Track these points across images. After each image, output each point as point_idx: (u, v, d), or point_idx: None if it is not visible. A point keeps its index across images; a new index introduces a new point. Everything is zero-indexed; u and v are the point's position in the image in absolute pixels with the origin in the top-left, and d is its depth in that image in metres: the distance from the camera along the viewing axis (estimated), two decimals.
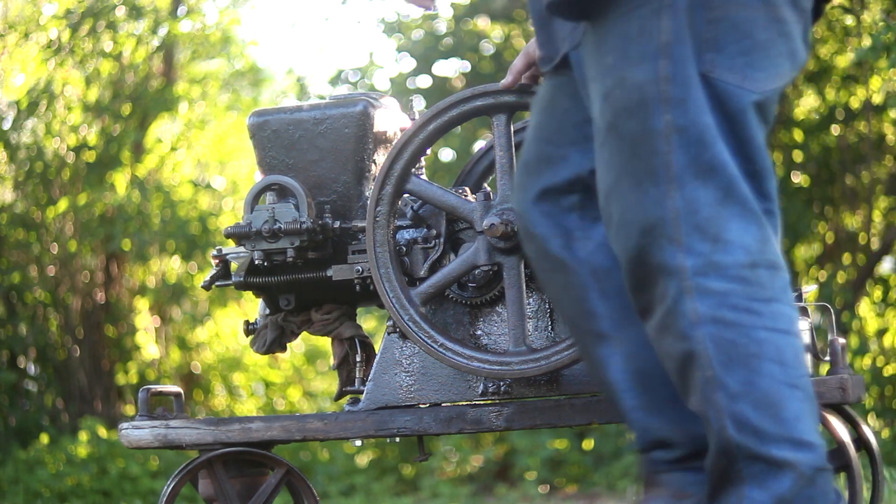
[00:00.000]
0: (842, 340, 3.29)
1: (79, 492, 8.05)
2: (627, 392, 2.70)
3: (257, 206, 3.42)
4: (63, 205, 9.11)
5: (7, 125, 9.12)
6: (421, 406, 3.43)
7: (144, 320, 9.65)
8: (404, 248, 3.37)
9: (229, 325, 9.82)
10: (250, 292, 3.59)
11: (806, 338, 3.28)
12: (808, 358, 3.28)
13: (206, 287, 3.61)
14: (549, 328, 3.35)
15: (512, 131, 3.23)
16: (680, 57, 2.50)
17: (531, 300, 3.35)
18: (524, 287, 3.25)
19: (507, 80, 3.14)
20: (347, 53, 19.58)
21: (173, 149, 9.62)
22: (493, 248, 3.23)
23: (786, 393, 2.48)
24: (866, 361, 8.06)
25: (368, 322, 9.27)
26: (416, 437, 3.48)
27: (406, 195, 3.39)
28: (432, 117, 3.25)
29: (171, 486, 3.50)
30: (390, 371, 3.43)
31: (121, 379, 9.42)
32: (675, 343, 2.51)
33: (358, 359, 3.54)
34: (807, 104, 9.06)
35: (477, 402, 3.39)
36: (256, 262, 3.42)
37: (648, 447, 2.70)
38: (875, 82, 8.54)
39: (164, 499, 3.48)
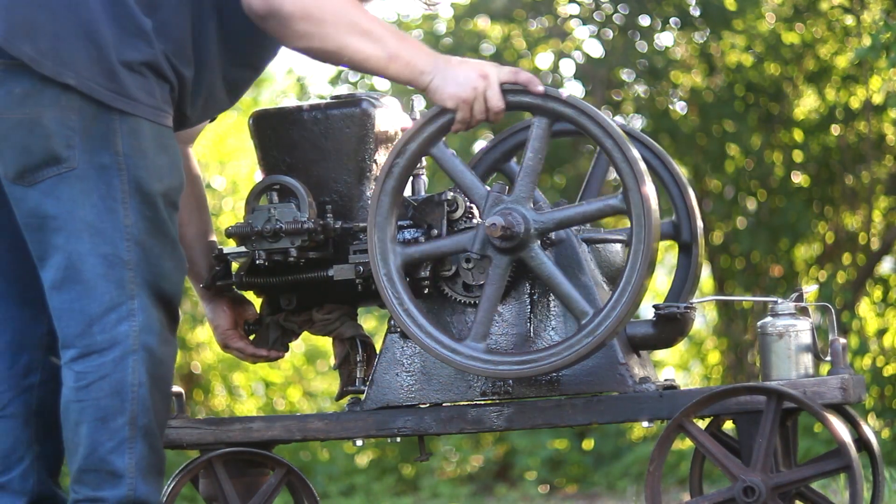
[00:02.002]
0: (842, 340, 3.29)
1: None
2: None
3: (258, 205, 3.42)
4: None
5: None
6: (421, 406, 3.43)
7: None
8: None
9: None
10: (251, 292, 3.59)
11: (807, 338, 3.28)
12: (810, 357, 3.28)
13: (207, 287, 3.60)
14: (551, 329, 3.35)
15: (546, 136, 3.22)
16: None
17: (532, 300, 3.35)
18: (503, 288, 3.25)
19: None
20: None
21: None
22: (489, 243, 3.23)
23: None
24: (866, 361, 8.06)
25: (369, 322, 9.27)
26: (417, 437, 3.48)
27: (407, 195, 3.40)
28: (433, 117, 3.25)
29: (171, 486, 3.50)
30: (391, 371, 3.43)
31: None
32: None
33: (359, 359, 3.54)
34: (807, 104, 9.06)
35: (477, 402, 3.39)
36: (258, 261, 3.41)
37: None
38: (875, 82, 8.54)
39: (164, 499, 3.48)
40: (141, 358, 3.08)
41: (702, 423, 3.35)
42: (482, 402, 3.39)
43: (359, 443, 3.47)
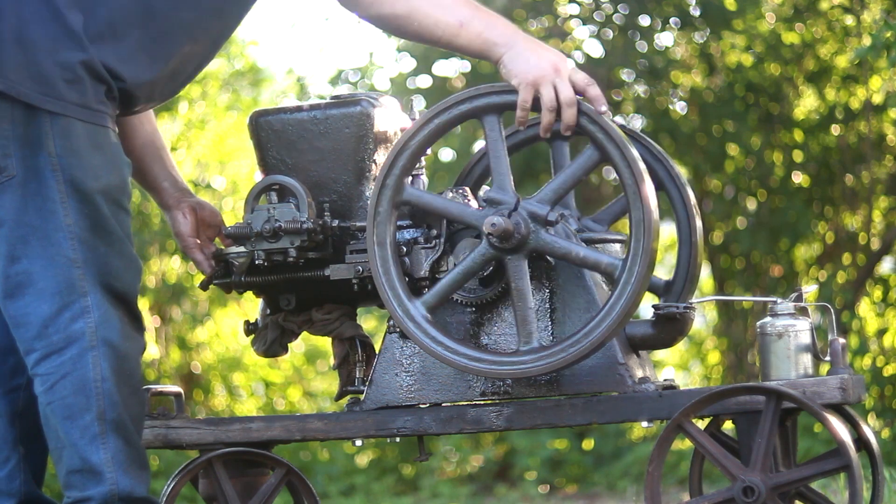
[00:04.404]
0: (842, 340, 3.29)
1: None
2: None
3: (257, 205, 3.42)
4: None
5: None
6: (421, 406, 3.43)
7: (144, 320, 9.62)
8: (404, 249, 3.37)
9: (229, 325, 9.82)
10: (250, 292, 3.58)
11: (806, 338, 3.28)
12: (809, 357, 3.28)
13: (203, 288, 3.61)
14: (550, 328, 3.35)
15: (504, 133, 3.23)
16: None
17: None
18: (529, 283, 3.25)
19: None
20: (347, 53, 19.58)
21: (173, 149, 9.61)
22: (495, 248, 3.23)
23: None
24: (866, 361, 8.06)
25: (368, 322, 9.27)
26: (417, 437, 3.48)
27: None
28: (432, 117, 3.25)
29: (171, 486, 3.50)
30: (391, 371, 3.43)
31: None
32: None
33: (358, 359, 3.54)
34: (807, 104, 9.06)
35: (477, 402, 3.39)
36: (257, 261, 3.41)
37: None
38: (875, 82, 8.54)
39: (164, 499, 3.48)
40: (102, 354, 3.09)
41: (701, 424, 3.35)
42: (482, 402, 3.39)
43: (358, 443, 3.47)
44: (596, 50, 9.01)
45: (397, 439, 3.49)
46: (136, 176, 3.53)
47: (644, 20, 8.82)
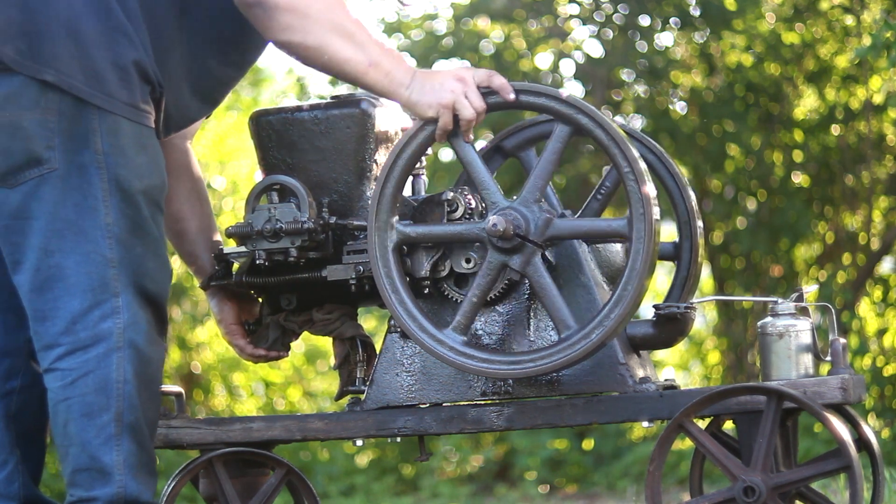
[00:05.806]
0: (842, 340, 3.29)
1: None
2: None
3: (258, 205, 3.42)
4: None
5: None
6: (421, 406, 3.43)
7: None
8: (405, 249, 3.37)
9: None
10: (251, 292, 3.59)
11: (807, 338, 3.28)
12: (810, 357, 3.28)
13: (203, 287, 3.61)
14: (550, 328, 3.35)
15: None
16: None
17: (531, 300, 3.35)
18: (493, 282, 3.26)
19: None
20: None
21: None
22: (496, 248, 3.23)
23: None
24: (866, 361, 8.06)
25: (369, 322, 9.27)
26: (417, 437, 3.48)
27: (407, 195, 3.40)
28: (417, 132, 3.25)
29: (172, 486, 3.50)
30: (391, 371, 3.43)
31: None
32: None
33: (359, 358, 3.54)
34: (807, 104, 9.06)
35: (477, 402, 3.39)
36: (258, 261, 3.41)
37: None
38: (875, 82, 8.54)
39: (164, 499, 3.48)
40: (126, 355, 3.08)
41: (702, 423, 3.35)
42: (482, 402, 3.39)
43: (359, 443, 3.47)
44: (596, 50, 9.01)
45: (398, 439, 3.49)
46: (176, 242, 3.60)
47: (644, 20, 8.82)
